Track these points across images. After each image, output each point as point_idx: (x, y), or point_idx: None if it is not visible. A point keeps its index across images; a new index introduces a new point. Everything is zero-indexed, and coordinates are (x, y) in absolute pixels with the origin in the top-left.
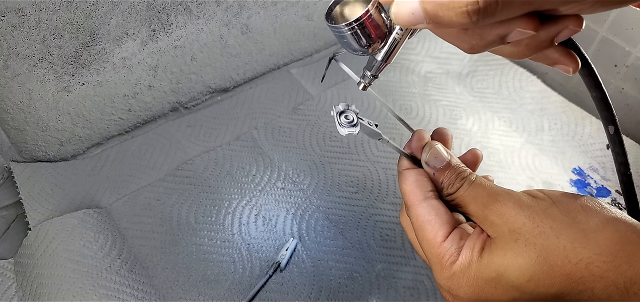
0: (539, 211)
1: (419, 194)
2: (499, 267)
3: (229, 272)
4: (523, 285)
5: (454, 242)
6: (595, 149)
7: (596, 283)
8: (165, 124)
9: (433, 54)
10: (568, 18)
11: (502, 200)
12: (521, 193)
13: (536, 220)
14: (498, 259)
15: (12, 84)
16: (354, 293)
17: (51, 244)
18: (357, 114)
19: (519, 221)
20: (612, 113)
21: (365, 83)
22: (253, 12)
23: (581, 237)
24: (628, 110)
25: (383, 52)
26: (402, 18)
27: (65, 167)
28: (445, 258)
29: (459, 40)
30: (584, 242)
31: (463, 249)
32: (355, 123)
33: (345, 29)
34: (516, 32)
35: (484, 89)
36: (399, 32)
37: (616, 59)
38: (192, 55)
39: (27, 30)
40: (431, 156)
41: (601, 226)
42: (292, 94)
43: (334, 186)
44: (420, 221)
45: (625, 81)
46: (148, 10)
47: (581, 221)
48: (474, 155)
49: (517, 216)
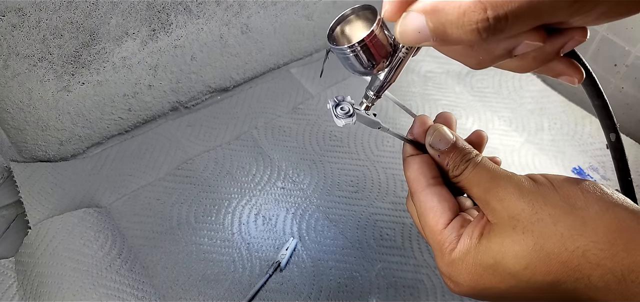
0: (539, 197)
1: (422, 181)
2: (497, 255)
3: (228, 271)
4: (520, 273)
5: (454, 230)
6: (595, 148)
7: (593, 271)
8: (165, 124)
9: (433, 53)
10: (574, 29)
11: (502, 185)
12: (523, 177)
13: (535, 206)
14: (496, 246)
15: (12, 83)
16: (354, 293)
17: (51, 243)
18: (353, 104)
19: (518, 206)
20: (613, 121)
21: (368, 104)
22: (253, 11)
23: (579, 225)
24: (628, 109)
25: (386, 71)
26: (408, 37)
27: (65, 167)
28: (445, 245)
29: (465, 57)
30: (581, 230)
31: (462, 236)
32: (352, 113)
33: (347, 51)
34: (524, 45)
35: (483, 89)
36: (403, 50)
37: (616, 58)
38: (192, 55)
39: (27, 30)
40: (435, 138)
41: (600, 212)
42: (292, 93)
43: (334, 186)
44: (423, 208)
45: (625, 80)
46: (148, 9)
47: (580, 208)
48: (479, 136)
49: (517, 201)
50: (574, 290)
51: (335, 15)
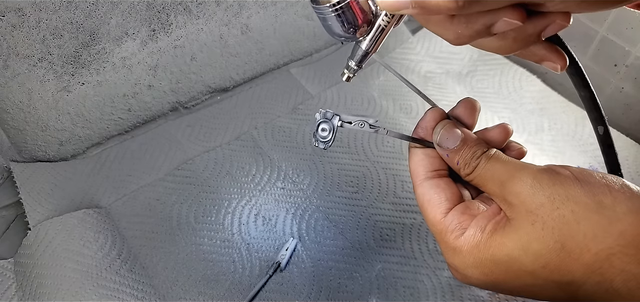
0: (561, 191)
1: (421, 174)
2: (512, 251)
3: (228, 272)
4: (537, 271)
5: (456, 217)
6: (596, 148)
7: (616, 276)
8: (165, 124)
9: (433, 53)
10: (556, 13)
11: (519, 177)
12: (544, 168)
13: (556, 201)
14: (511, 242)
15: (11, 83)
16: (354, 293)
17: (51, 244)
18: (343, 121)
19: (537, 201)
20: (601, 113)
21: (349, 74)
22: (253, 12)
23: (605, 224)
24: (628, 109)
25: (368, 39)
26: (388, 3)
27: (65, 167)
28: (448, 234)
29: (444, 29)
30: (607, 230)
31: (470, 227)
32: (328, 139)
33: (329, 10)
34: (503, 23)
35: (483, 89)
36: (384, 18)
37: (616, 58)
38: (192, 55)
39: (26, 30)
40: (442, 137)
41: (628, 213)
42: (292, 93)
43: (334, 186)
44: (421, 201)
45: (625, 81)
46: (148, 10)
47: (607, 206)
48: (504, 131)
49: (535, 195)
50: (593, 293)
51: None
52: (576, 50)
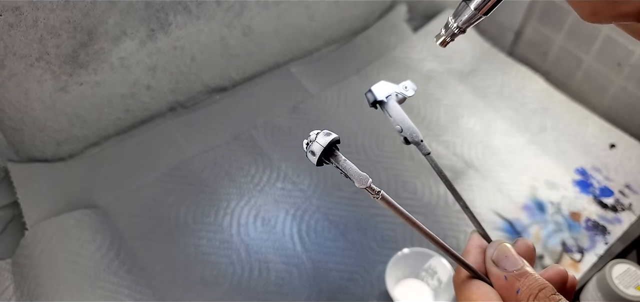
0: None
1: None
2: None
3: (227, 273)
4: None
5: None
6: (598, 148)
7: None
8: (163, 124)
9: (435, 52)
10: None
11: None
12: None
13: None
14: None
15: (9, 83)
16: (355, 295)
17: (48, 245)
18: (335, 144)
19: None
20: None
21: (446, 37)
22: (255, 13)
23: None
24: (631, 109)
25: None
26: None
27: (62, 167)
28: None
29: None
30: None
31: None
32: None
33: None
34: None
35: (486, 88)
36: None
37: (620, 57)
38: (192, 56)
39: (24, 29)
40: (501, 254)
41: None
42: (292, 93)
43: (334, 186)
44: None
45: (628, 80)
46: (146, 9)
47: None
48: (561, 276)
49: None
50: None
51: (337, 15)
52: (579, 49)
